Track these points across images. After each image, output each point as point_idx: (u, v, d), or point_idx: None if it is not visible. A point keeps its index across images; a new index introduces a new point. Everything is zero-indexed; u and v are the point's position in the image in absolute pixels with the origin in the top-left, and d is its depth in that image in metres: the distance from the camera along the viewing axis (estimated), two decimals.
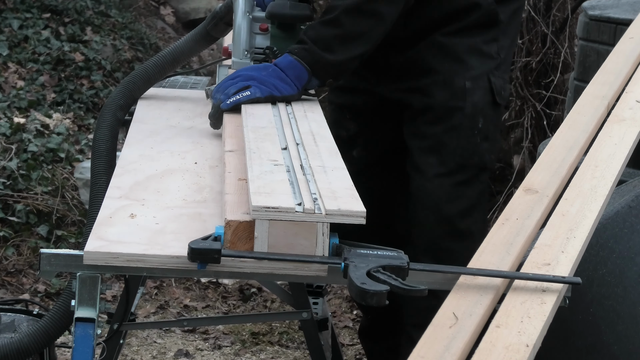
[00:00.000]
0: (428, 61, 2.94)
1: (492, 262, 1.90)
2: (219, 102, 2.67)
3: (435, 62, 2.93)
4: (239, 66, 2.84)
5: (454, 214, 2.92)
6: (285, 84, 2.70)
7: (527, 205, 2.10)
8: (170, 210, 2.17)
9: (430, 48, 2.94)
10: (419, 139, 2.96)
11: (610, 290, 2.50)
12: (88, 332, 1.97)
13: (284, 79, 2.70)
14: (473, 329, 1.71)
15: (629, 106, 2.56)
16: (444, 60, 2.93)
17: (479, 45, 2.95)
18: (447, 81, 2.93)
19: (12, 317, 3.60)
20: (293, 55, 2.72)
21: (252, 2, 2.96)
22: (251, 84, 2.68)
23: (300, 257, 1.89)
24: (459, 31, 2.94)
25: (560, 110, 5.87)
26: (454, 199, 2.92)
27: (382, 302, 1.73)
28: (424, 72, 2.95)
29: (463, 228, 2.93)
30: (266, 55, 2.87)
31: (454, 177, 2.92)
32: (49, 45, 6.67)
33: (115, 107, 2.85)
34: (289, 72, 2.71)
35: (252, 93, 2.66)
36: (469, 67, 2.94)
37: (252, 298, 4.97)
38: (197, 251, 1.86)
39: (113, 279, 4.78)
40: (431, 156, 2.93)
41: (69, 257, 1.96)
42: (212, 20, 3.09)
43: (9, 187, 5.14)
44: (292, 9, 2.86)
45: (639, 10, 3.54)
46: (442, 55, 2.93)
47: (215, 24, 3.08)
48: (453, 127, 2.91)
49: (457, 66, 2.93)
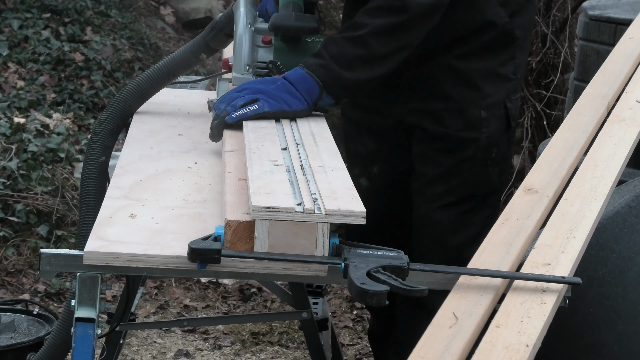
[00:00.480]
0: (440, 85, 2.79)
1: (492, 262, 1.90)
2: (224, 113, 2.50)
3: (448, 87, 2.79)
4: (240, 82, 2.65)
5: (459, 243, 2.80)
6: (294, 99, 2.54)
7: (527, 205, 2.10)
8: (170, 210, 2.17)
9: (442, 71, 2.79)
10: (428, 164, 2.84)
11: (610, 290, 2.50)
12: (88, 332, 1.97)
13: (293, 93, 2.54)
14: (473, 329, 1.71)
15: (629, 106, 2.56)
16: (458, 86, 2.78)
17: (495, 68, 2.80)
18: (461, 110, 2.79)
19: (12, 317, 3.61)
20: (306, 69, 2.56)
21: (254, 13, 2.79)
22: (259, 97, 2.52)
23: (300, 257, 1.89)
24: (473, 53, 2.77)
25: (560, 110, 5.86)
26: (460, 229, 2.82)
27: (382, 302, 1.73)
28: (436, 96, 2.80)
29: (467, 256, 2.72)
30: (269, 70, 2.67)
31: (462, 206, 2.82)
32: (49, 45, 6.67)
33: (104, 135, 2.71)
34: (299, 86, 2.55)
35: (260, 107, 2.50)
36: (484, 95, 2.79)
37: (252, 298, 4.97)
38: (197, 251, 1.87)
39: (113, 278, 4.78)
40: (440, 185, 2.82)
41: (69, 257, 1.96)
42: (211, 31, 2.90)
43: (9, 187, 5.14)
44: (297, 21, 2.67)
45: (639, 10, 3.54)
46: (455, 81, 2.78)
47: (215, 35, 2.89)
48: (465, 158, 2.79)
49: (472, 94, 2.79)
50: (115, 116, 2.76)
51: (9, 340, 3.52)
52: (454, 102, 2.79)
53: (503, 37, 2.78)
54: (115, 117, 2.76)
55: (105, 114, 2.78)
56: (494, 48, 2.78)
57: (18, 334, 3.56)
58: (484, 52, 2.78)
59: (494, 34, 2.77)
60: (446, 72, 2.78)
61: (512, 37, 2.79)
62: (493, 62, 2.79)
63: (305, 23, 2.67)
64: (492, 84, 2.80)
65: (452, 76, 2.78)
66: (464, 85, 2.78)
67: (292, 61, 2.63)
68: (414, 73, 2.80)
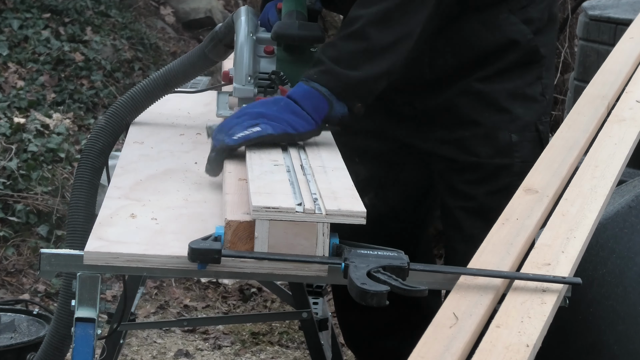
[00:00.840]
0: (465, 111, 2.61)
1: (492, 262, 1.90)
2: (221, 144, 2.25)
3: (473, 113, 2.60)
4: (242, 93, 2.50)
5: None
6: (300, 119, 2.30)
7: (527, 205, 2.10)
8: (171, 210, 2.17)
9: (465, 96, 2.61)
10: (460, 199, 2.66)
11: (610, 290, 2.50)
12: (88, 332, 1.97)
13: (299, 113, 2.30)
14: (473, 329, 1.71)
15: (629, 106, 2.56)
16: (484, 111, 2.60)
17: (522, 89, 2.61)
18: (489, 135, 2.60)
19: (12, 317, 3.61)
20: (308, 82, 2.33)
21: (256, 22, 2.62)
22: (260, 122, 2.27)
23: (301, 258, 1.89)
24: (497, 75, 2.60)
25: (560, 110, 5.87)
26: None
27: (383, 302, 1.73)
28: (461, 124, 2.62)
29: None
30: (272, 81, 2.51)
31: None
32: (49, 45, 6.67)
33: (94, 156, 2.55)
34: (305, 104, 2.31)
35: (263, 129, 2.26)
36: (513, 117, 2.61)
37: (252, 298, 4.97)
38: (198, 251, 1.86)
39: (113, 278, 4.78)
40: (478, 220, 2.60)
41: (69, 257, 1.96)
42: (210, 41, 2.73)
43: (9, 187, 5.14)
44: (301, 29, 2.52)
45: (639, 10, 3.54)
46: (481, 105, 2.60)
47: (215, 45, 2.73)
48: (501, 188, 2.56)
49: (500, 117, 2.60)
50: (107, 133, 2.60)
51: (9, 340, 3.52)
52: (480, 127, 2.61)
53: (528, 57, 2.62)
54: (107, 133, 2.60)
55: (96, 131, 2.62)
56: (519, 68, 2.62)
57: (18, 333, 3.56)
58: (509, 73, 2.61)
59: (519, 54, 2.61)
60: (470, 96, 2.62)
61: (537, 56, 2.63)
62: (519, 82, 2.62)
63: (309, 32, 2.52)
64: (521, 106, 2.62)
65: (476, 100, 2.60)
66: (491, 108, 2.61)
67: (295, 72, 2.48)
68: (433, 102, 2.65)
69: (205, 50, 2.74)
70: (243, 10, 2.62)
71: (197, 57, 2.75)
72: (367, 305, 1.74)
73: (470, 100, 2.61)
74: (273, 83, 2.50)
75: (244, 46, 2.53)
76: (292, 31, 2.52)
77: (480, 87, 2.60)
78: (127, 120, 2.70)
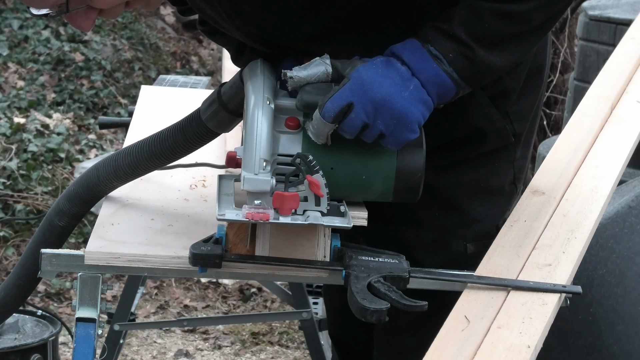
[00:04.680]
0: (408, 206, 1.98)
1: (501, 265, 1.89)
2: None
3: (420, 210, 2.02)
4: (253, 185, 1.78)
5: None
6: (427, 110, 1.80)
7: (534, 207, 2.09)
8: (171, 210, 2.17)
9: None
10: None
11: (610, 290, 2.50)
12: (89, 332, 1.97)
13: (426, 102, 1.79)
14: (485, 332, 1.71)
15: (629, 106, 2.56)
16: (433, 210, 2.04)
17: (486, 181, 2.06)
18: (438, 242, 2.07)
19: (16, 318, 3.60)
20: (442, 63, 1.79)
21: (274, 84, 1.90)
22: None
23: (302, 263, 1.89)
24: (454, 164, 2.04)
25: (560, 110, 5.87)
26: None
27: (383, 319, 1.71)
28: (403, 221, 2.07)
29: None
30: (296, 167, 1.79)
31: None
32: (49, 45, 6.68)
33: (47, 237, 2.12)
34: (432, 89, 1.79)
35: None
36: (470, 221, 2.07)
37: (252, 298, 4.97)
38: (199, 256, 1.85)
39: (113, 278, 4.78)
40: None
41: (70, 257, 1.96)
42: (209, 106, 2.01)
43: (9, 187, 5.14)
44: None
45: (639, 10, 3.54)
46: (429, 202, 2.00)
47: (216, 113, 2.01)
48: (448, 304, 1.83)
49: (452, 219, 2.06)
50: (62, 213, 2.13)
51: (12, 341, 3.52)
52: (428, 231, 2.07)
53: (496, 143, 2.06)
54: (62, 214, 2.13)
55: (53, 208, 2.14)
56: (484, 156, 2.06)
57: (22, 334, 3.56)
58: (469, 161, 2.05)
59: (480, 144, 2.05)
60: None
61: (507, 138, 2.07)
62: (482, 173, 2.06)
63: None
64: (481, 205, 2.07)
65: (426, 196, 1.94)
66: (443, 208, 2.05)
67: (329, 155, 1.84)
68: None
69: (203, 119, 2.02)
70: (257, 65, 1.92)
71: (192, 126, 2.04)
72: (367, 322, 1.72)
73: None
74: (298, 170, 1.80)
75: (258, 117, 1.80)
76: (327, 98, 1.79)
77: (430, 178, 1.94)
78: (94, 199, 2.15)
